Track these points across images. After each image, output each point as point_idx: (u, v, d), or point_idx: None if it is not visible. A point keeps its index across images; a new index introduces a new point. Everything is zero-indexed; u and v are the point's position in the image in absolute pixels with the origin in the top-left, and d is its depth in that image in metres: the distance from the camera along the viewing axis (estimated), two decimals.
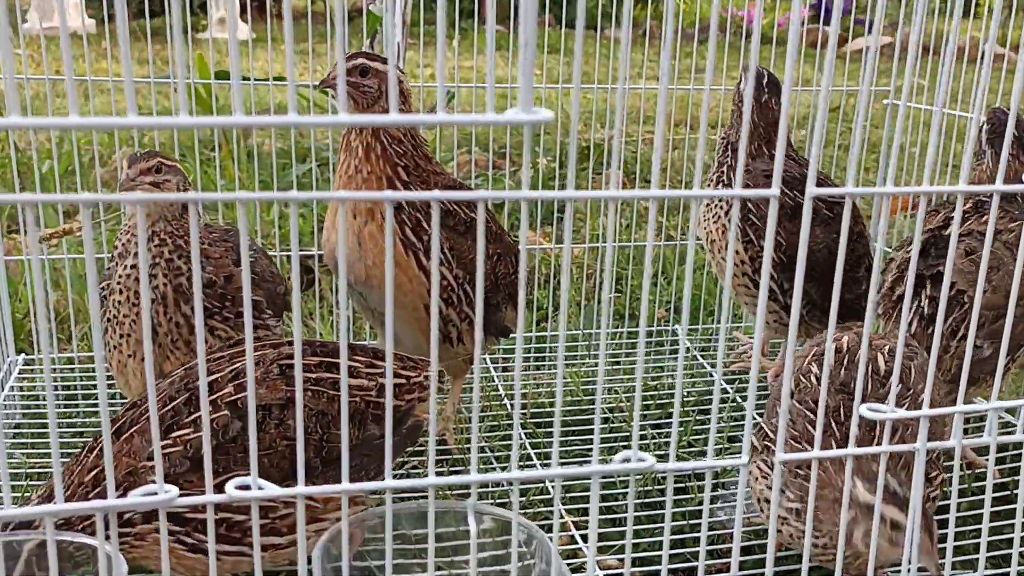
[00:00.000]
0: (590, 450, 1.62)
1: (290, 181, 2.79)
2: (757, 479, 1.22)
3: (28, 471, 1.53)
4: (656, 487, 1.52)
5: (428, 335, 1.56)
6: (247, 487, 0.79)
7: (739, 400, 1.82)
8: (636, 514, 1.44)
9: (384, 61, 1.48)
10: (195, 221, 0.70)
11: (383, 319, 1.58)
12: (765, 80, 1.77)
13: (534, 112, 0.73)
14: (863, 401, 0.87)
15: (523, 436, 1.66)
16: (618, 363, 2.00)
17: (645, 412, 1.77)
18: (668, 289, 2.25)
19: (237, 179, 2.81)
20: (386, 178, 1.48)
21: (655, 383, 1.90)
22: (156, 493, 0.78)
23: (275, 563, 1.18)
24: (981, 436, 0.98)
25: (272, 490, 0.79)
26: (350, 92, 1.43)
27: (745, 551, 1.38)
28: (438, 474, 1.54)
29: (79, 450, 1.16)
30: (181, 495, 0.77)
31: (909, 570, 0.95)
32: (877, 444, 1.07)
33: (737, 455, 0.91)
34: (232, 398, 1.12)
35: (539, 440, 1.67)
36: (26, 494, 1.47)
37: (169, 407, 1.13)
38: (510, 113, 0.72)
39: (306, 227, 2.57)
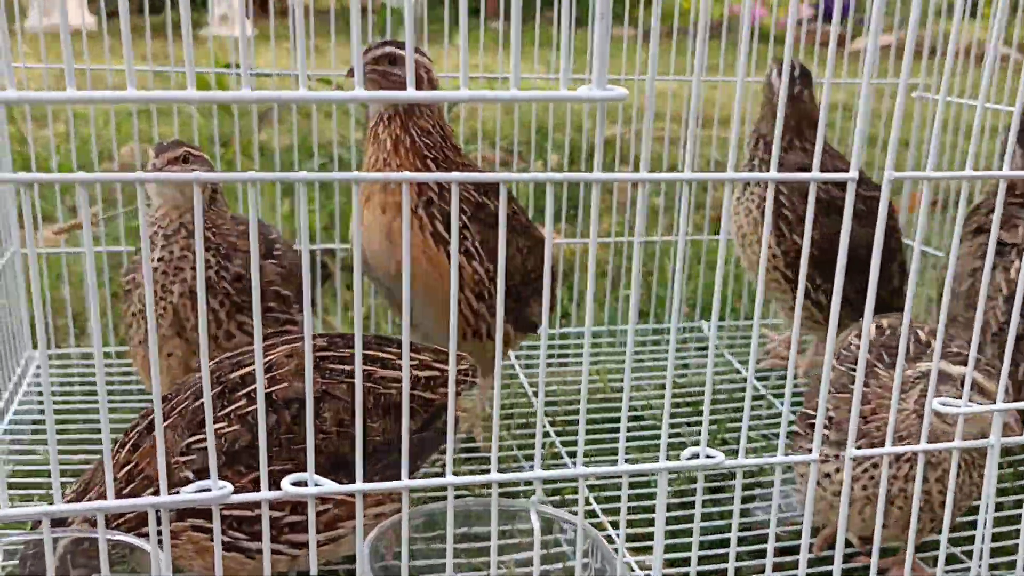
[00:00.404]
0: (617, 448, 1.59)
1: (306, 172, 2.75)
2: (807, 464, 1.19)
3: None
4: (691, 485, 1.49)
5: (460, 331, 1.53)
6: (303, 483, 0.76)
7: (771, 398, 1.79)
8: (673, 514, 1.41)
9: (417, 50, 1.45)
10: (199, 209, 0.66)
11: (412, 314, 1.55)
12: (797, 72, 1.74)
13: (608, 89, 0.70)
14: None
15: (552, 433, 1.63)
16: (642, 359, 1.97)
17: (675, 410, 1.74)
18: (690, 284, 2.22)
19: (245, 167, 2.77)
20: (414, 169, 1.44)
21: (683, 380, 1.87)
22: (209, 489, 0.75)
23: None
24: None
25: (329, 486, 0.76)
26: (379, 81, 1.40)
27: (785, 552, 1.35)
28: (468, 473, 1.52)
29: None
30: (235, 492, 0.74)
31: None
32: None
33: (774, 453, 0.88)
34: (268, 389, 1.08)
35: (570, 437, 1.63)
36: (50, 491, 1.43)
37: (200, 401, 1.09)
38: (583, 90, 0.70)
39: (323, 220, 2.53)
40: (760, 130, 1.82)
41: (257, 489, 1.03)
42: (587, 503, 1.43)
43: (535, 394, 1.78)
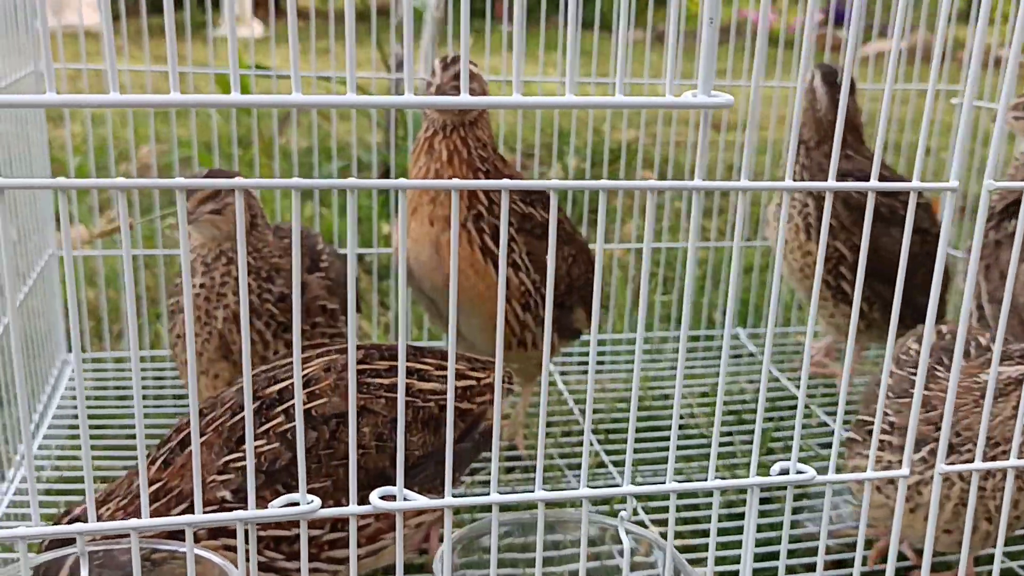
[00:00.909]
0: (661, 457, 1.59)
1: (326, 175, 2.73)
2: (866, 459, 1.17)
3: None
4: (740, 496, 1.47)
5: (507, 343, 1.51)
6: (392, 497, 0.75)
7: (812, 408, 1.77)
8: (722, 524, 1.39)
9: (474, 64, 1.43)
10: (242, 221, 0.65)
11: (457, 327, 1.53)
12: (839, 77, 1.72)
13: (714, 96, 0.68)
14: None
15: (596, 442, 1.61)
16: (675, 368, 1.95)
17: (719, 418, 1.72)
18: (715, 292, 2.20)
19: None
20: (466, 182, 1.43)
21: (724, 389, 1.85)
22: (297, 503, 0.73)
23: None
24: None
25: (419, 501, 0.75)
26: (454, 94, 1.37)
27: (837, 564, 1.33)
28: (513, 482, 1.50)
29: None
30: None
31: None
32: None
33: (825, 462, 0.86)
34: (306, 406, 1.05)
35: (613, 446, 1.62)
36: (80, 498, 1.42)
37: (239, 416, 1.05)
38: (687, 96, 0.68)
39: (343, 227, 2.51)
40: (801, 136, 1.81)
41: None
42: (635, 513, 1.41)
43: (576, 402, 1.76)
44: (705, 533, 1.38)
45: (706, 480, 0.80)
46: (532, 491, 0.76)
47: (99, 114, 3.20)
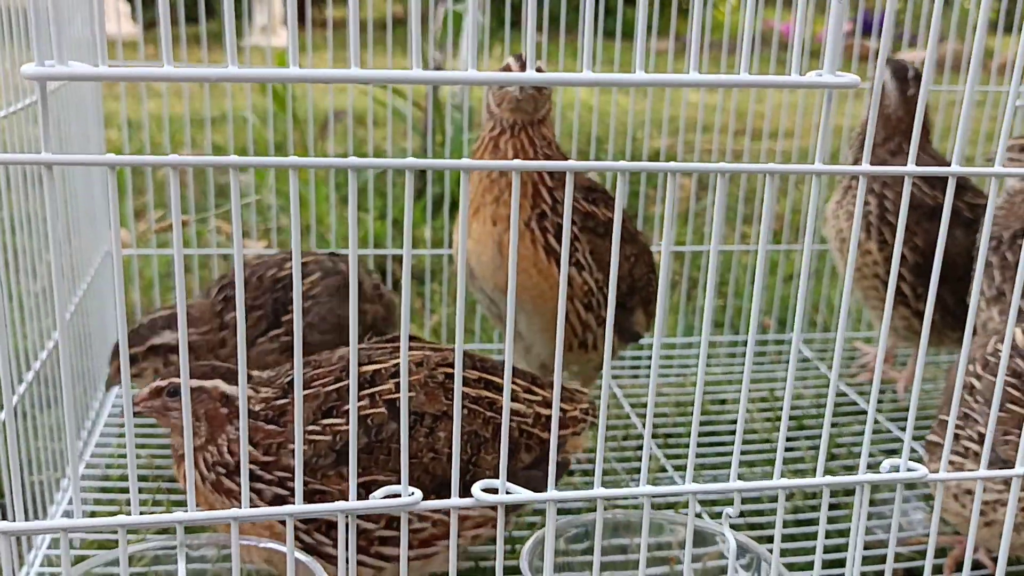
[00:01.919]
0: (721, 463, 1.56)
1: (363, 180, 2.72)
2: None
3: (154, 471, 1.47)
4: (807, 501, 1.44)
5: (567, 343, 1.49)
6: (494, 490, 0.73)
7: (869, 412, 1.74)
8: (788, 531, 1.36)
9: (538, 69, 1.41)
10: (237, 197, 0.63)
11: (516, 327, 1.51)
12: (910, 74, 1.69)
13: (839, 76, 0.66)
14: None
15: (654, 446, 1.59)
16: (732, 371, 1.92)
17: (768, 422, 1.69)
18: (766, 295, 2.17)
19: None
20: (532, 183, 1.41)
21: (782, 394, 1.82)
22: (399, 495, 0.71)
23: None
24: None
25: (523, 495, 0.72)
26: (533, 95, 1.36)
27: (909, 573, 1.30)
28: (568, 487, 1.48)
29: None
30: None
31: None
32: None
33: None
34: (392, 396, 1.03)
35: (671, 450, 1.59)
36: (158, 495, 1.40)
37: (332, 389, 1.03)
38: (812, 75, 0.66)
39: (382, 229, 2.50)
40: (865, 132, 1.78)
41: (361, 497, 0.99)
42: (698, 516, 1.38)
43: (632, 407, 1.74)
44: (770, 539, 1.35)
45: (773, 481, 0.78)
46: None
47: (136, 119, 3.21)
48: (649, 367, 1.92)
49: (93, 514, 1.36)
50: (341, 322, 1.42)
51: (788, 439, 1.63)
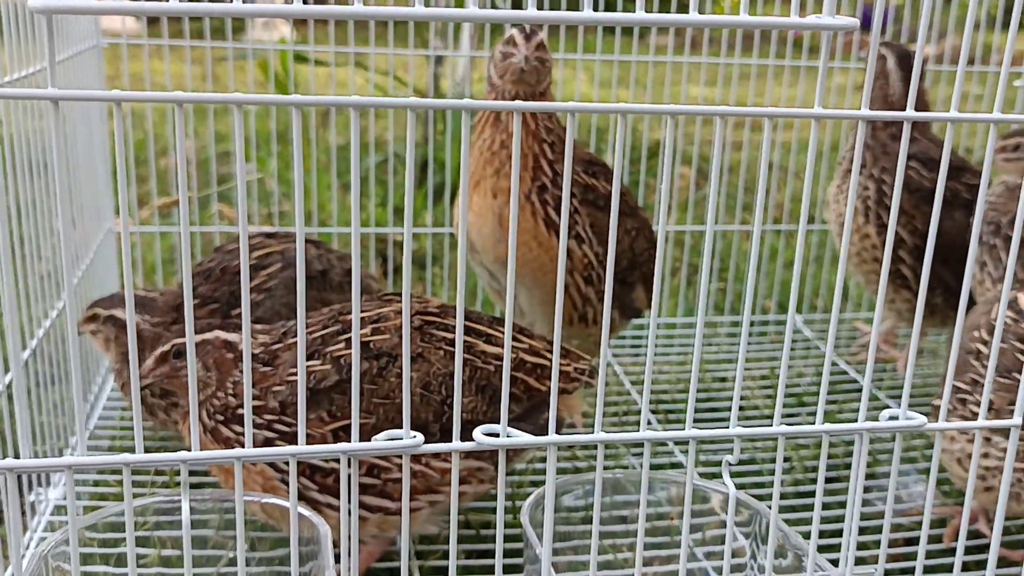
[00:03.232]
0: (722, 436, 1.55)
1: (365, 168, 2.73)
2: (954, 439, 1.14)
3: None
4: (808, 475, 1.45)
5: (567, 316, 1.50)
6: (495, 434, 0.73)
7: (875, 392, 1.74)
8: (785, 502, 1.37)
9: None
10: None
11: (516, 301, 1.51)
12: (912, 60, 1.69)
13: (838, 18, 0.67)
14: None
15: (655, 422, 1.59)
16: (735, 352, 1.92)
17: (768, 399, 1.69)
18: (767, 280, 2.17)
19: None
20: (532, 155, 1.41)
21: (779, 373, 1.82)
22: (401, 438, 0.71)
23: (382, 530, 1.08)
24: None
25: (524, 438, 0.73)
26: (536, 67, 1.36)
27: (909, 543, 1.30)
28: (570, 458, 1.48)
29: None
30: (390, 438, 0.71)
31: None
32: None
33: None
34: (367, 339, 1.05)
35: (673, 427, 1.59)
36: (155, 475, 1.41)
37: (319, 335, 1.06)
38: (813, 18, 0.67)
39: (383, 215, 2.50)
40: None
41: (335, 440, 0.99)
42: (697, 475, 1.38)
43: (632, 383, 1.74)
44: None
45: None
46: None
47: (139, 111, 3.22)
48: (643, 345, 1.92)
49: (96, 483, 1.37)
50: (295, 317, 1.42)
51: (791, 415, 1.64)
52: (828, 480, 1.44)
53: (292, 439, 0.96)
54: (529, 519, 0.89)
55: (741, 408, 1.67)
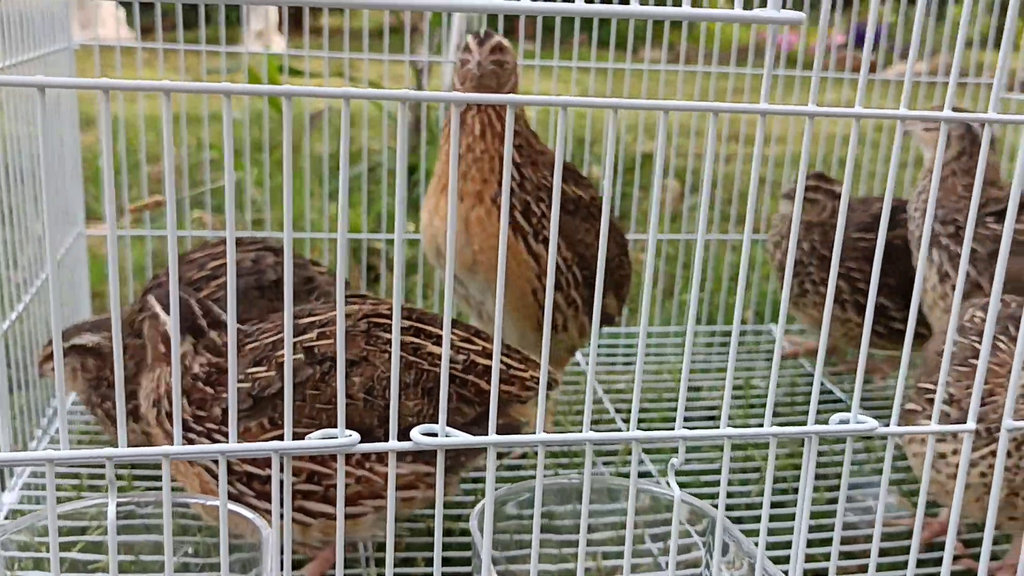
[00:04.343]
0: (691, 447, 1.54)
1: (355, 175, 2.72)
2: (922, 441, 1.13)
3: None
4: (777, 484, 1.43)
5: (534, 323, 1.48)
6: (434, 434, 0.71)
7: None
8: (750, 512, 1.35)
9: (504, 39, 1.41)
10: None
11: (483, 309, 1.50)
12: None
13: (783, 12, 0.65)
14: None
15: (624, 428, 1.58)
16: (710, 362, 1.91)
17: (751, 410, 1.68)
18: (749, 292, 2.16)
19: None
20: (499, 157, 1.40)
21: (753, 383, 1.81)
22: (335, 436, 0.70)
23: (328, 535, 1.06)
24: None
25: (462, 438, 0.71)
26: (497, 71, 1.35)
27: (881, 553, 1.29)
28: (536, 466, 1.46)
29: None
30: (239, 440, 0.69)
31: None
32: None
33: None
34: (312, 344, 1.03)
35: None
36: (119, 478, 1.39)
37: (271, 340, 1.04)
38: (759, 10, 0.65)
39: (357, 220, 2.49)
40: None
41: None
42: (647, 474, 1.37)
43: (605, 392, 1.72)
44: (738, 520, 1.34)
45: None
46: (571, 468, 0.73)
47: (129, 118, 3.21)
48: (623, 353, 1.91)
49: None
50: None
51: (759, 425, 1.62)
52: (791, 490, 1.42)
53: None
54: (478, 525, 0.88)
55: (712, 417, 1.66)
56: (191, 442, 0.99)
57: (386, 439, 0.99)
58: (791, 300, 1.76)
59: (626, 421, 1.61)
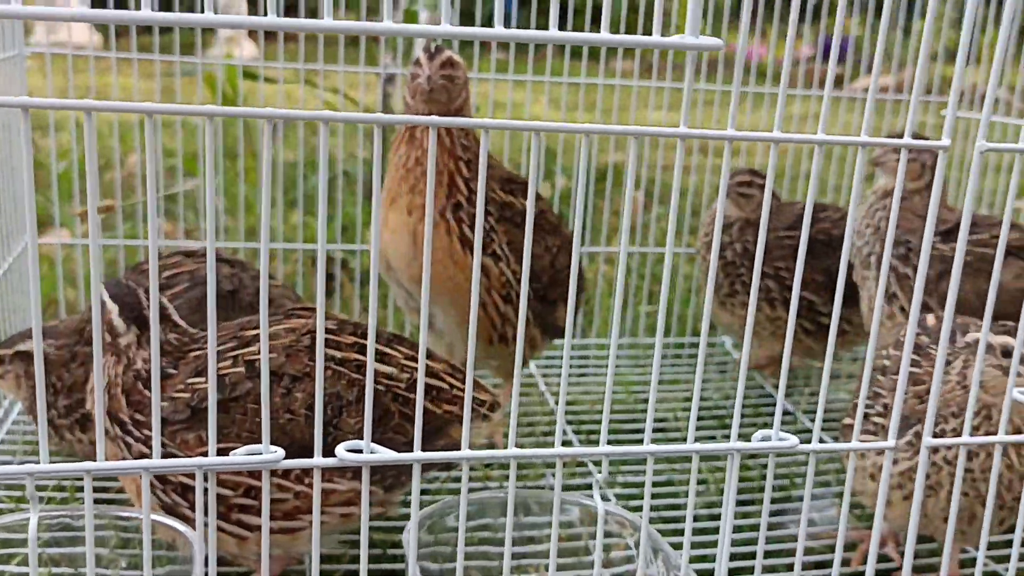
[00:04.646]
0: (640, 459, 1.56)
1: (311, 187, 2.72)
2: (862, 455, 1.15)
3: None
4: (719, 497, 1.44)
5: (486, 336, 1.49)
6: (359, 451, 0.72)
7: (796, 414, 1.75)
8: (701, 524, 1.36)
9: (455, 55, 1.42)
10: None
11: (434, 321, 1.50)
12: None
13: (701, 39, 0.67)
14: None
15: (577, 442, 1.59)
16: (664, 374, 1.93)
17: (701, 423, 1.70)
18: (700, 302, 2.18)
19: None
20: (447, 172, 1.41)
21: (706, 394, 1.83)
22: (260, 452, 0.70)
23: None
24: None
25: (386, 454, 0.72)
26: (447, 85, 1.36)
27: (821, 565, 1.31)
28: (488, 478, 1.47)
29: None
30: (167, 451, 0.70)
31: None
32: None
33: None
34: (254, 358, 1.03)
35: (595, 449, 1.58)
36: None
37: (215, 349, 1.04)
38: (677, 37, 0.67)
39: (330, 232, 2.49)
40: None
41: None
42: (605, 499, 1.38)
43: (558, 403, 1.73)
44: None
45: (689, 461, 0.78)
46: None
47: (101, 126, 3.19)
48: (575, 366, 1.92)
49: None
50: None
51: (710, 438, 1.64)
52: (741, 503, 1.44)
53: (165, 458, 0.94)
54: (409, 540, 0.88)
55: (663, 430, 1.67)
56: (128, 447, 0.98)
57: (327, 456, 1.00)
58: (720, 300, 1.79)
59: (577, 433, 1.62)
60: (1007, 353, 1.01)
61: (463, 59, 1.42)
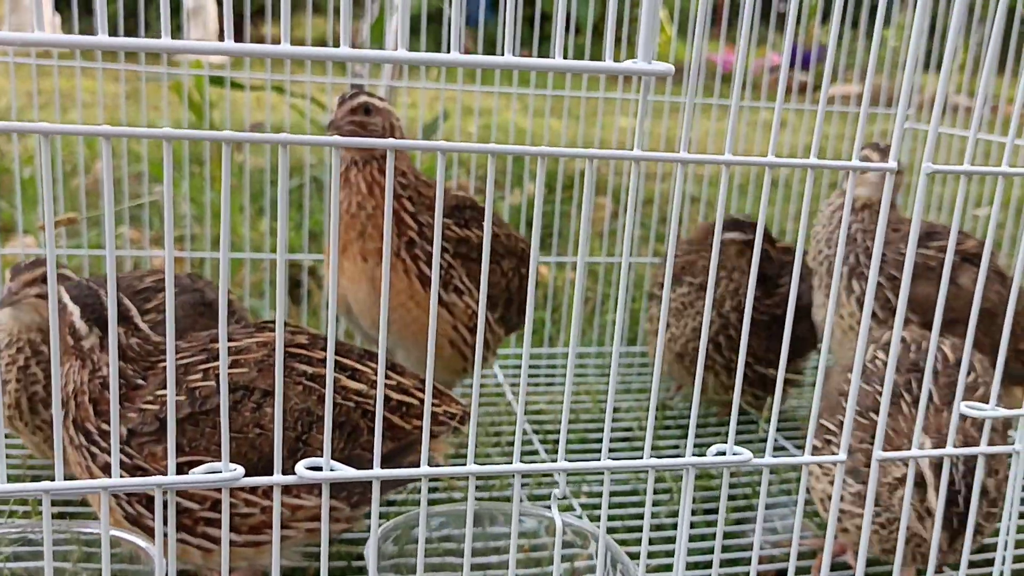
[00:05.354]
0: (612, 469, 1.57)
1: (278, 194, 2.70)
2: (818, 478, 1.17)
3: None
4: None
5: (448, 369, 1.50)
6: (319, 468, 0.73)
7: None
8: (664, 533, 1.38)
9: (382, 99, 1.42)
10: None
11: (394, 358, 1.50)
12: None
13: (653, 64, 0.68)
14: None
15: (543, 452, 1.60)
16: (630, 382, 1.94)
17: (663, 431, 1.72)
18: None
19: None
20: (392, 211, 1.41)
21: (671, 402, 1.85)
22: (220, 471, 0.71)
23: (232, 561, 1.07)
24: None
25: (345, 472, 0.73)
26: (357, 131, 1.36)
27: (779, 572, 1.33)
28: (455, 488, 1.48)
29: None
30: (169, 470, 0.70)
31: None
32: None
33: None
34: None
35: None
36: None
37: (183, 363, 1.04)
38: (629, 63, 0.68)
39: (297, 240, 2.49)
40: None
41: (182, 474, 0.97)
42: (570, 508, 1.40)
43: (524, 413, 1.74)
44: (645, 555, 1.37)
45: (645, 470, 0.80)
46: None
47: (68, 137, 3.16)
48: (543, 375, 1.94)
49: None
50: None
51: (675, 447, 1.66)
52: (705, 512, 1.46)
53: (133, 470, 0.94)
54: (372, 551, 0.89)
55: (628, 439, 1.69)
56: (93, 457, 0.98)
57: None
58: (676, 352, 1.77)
59: (544, 443, 1.63)
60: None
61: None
